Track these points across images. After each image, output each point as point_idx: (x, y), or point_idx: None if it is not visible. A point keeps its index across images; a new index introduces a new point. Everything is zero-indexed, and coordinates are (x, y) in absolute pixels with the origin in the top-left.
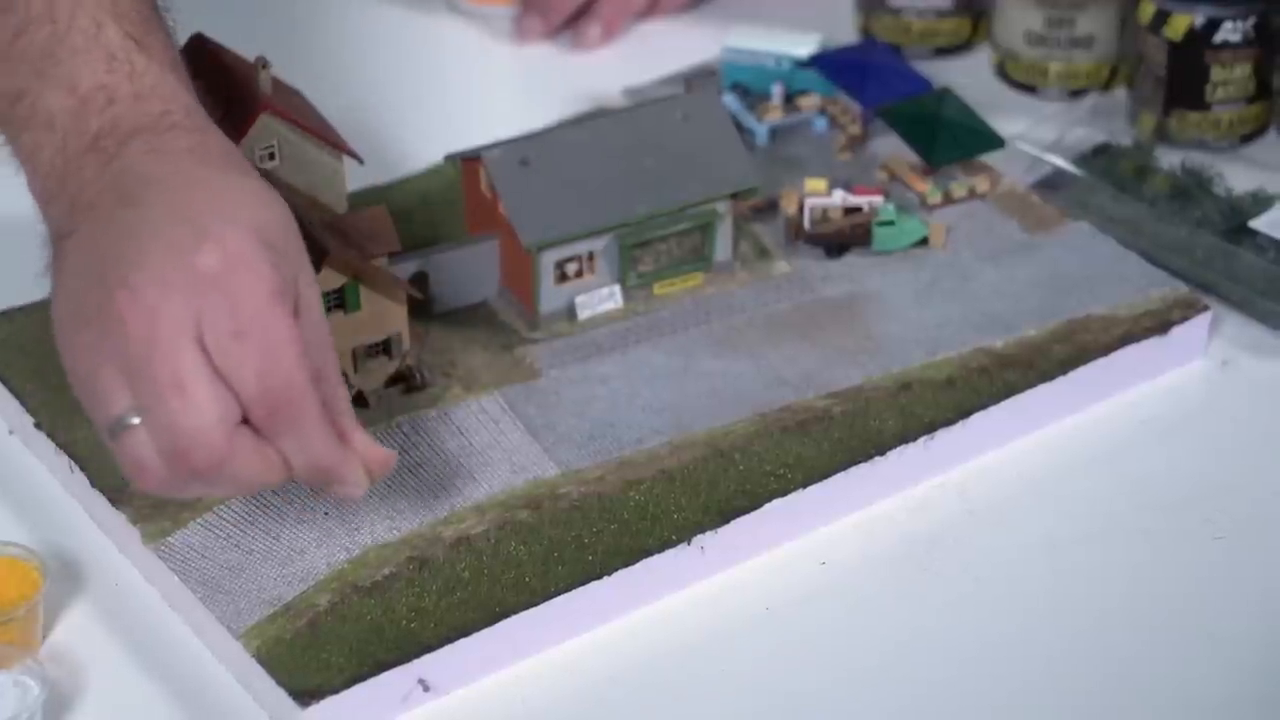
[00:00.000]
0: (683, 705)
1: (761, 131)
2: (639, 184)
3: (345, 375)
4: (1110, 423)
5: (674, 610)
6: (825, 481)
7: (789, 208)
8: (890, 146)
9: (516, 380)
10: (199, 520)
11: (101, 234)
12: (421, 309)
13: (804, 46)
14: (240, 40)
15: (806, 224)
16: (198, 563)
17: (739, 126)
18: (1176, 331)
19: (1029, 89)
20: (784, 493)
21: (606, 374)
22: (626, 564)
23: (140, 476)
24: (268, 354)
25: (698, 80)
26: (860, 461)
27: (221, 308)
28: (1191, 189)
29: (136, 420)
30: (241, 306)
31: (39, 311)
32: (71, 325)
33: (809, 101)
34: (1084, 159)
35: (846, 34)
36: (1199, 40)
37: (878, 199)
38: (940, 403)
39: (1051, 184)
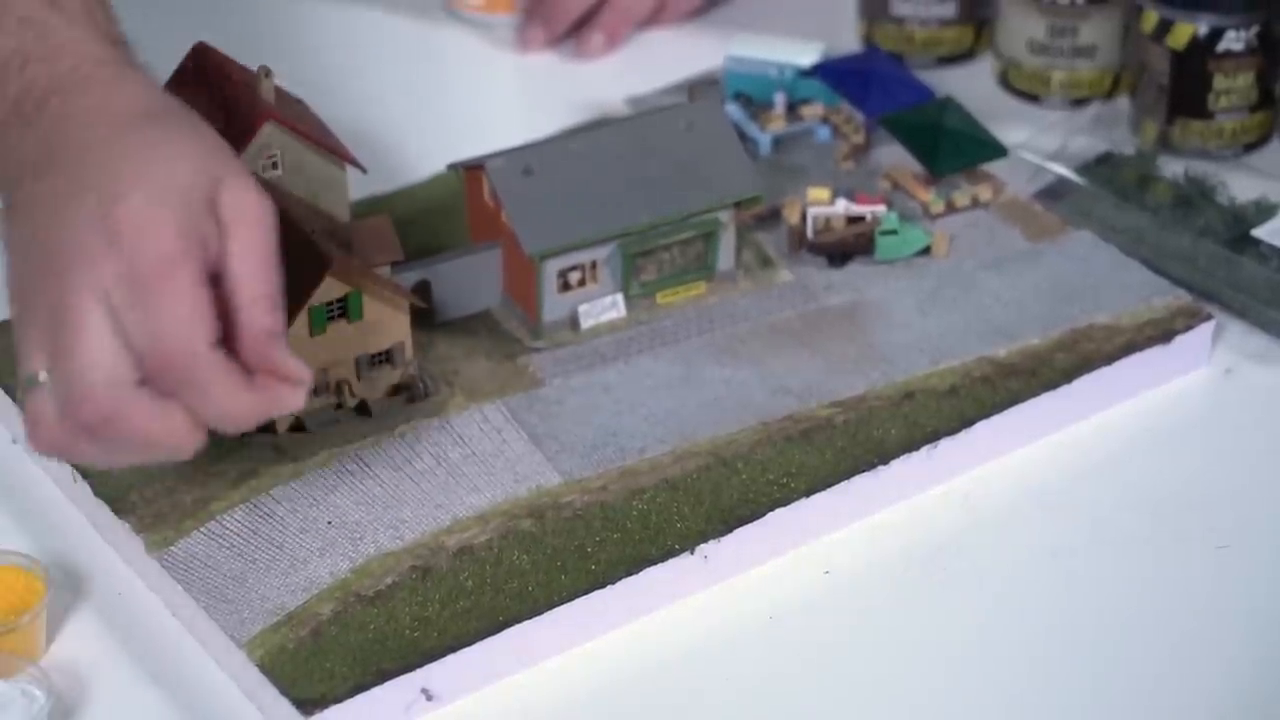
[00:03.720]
0: (686, 715)
1: (764, 140)
2: (642, 193)
3: (349, 384)
4: (1113, 431)
5: (677, 619)
6: (828, 490)
7: (792, 217)
8: (893, 155)
9: (519, 389)
10: (202, 529)
11: (23, 209)
12: (424, 318)
13: (806, 55)
14: (243, 49)
15: (809, 233)
16: (201, 572)
17: (742, 135)
18: (1179, 340)
19: (1031, 98)
20: (787, 501)
21: (609, 383)
22: (629, 573)
23: (32, 432)
24: (159, 317)
25: (701, 89)
26: (863, 470)
27: (122, 272)
28: (1194, 198)
29: (43, 379)
30: (138, 271)
31: None
32: (12, 295)
33: (812, 110)
34: (1087, 168)
35: (849, 43)
36: (1202, 49)
37: (880, 208)
38: (943, 411)
39: (1054, 193)
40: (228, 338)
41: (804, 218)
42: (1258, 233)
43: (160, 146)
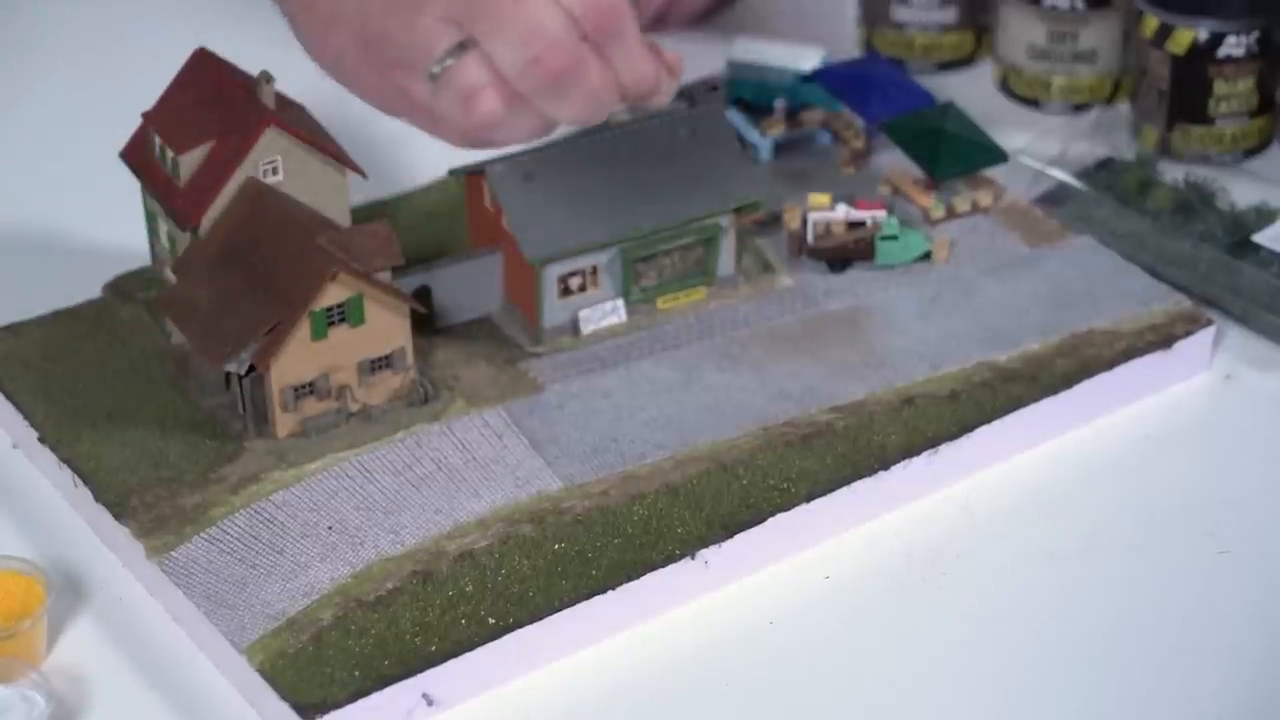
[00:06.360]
0: (686, 719)
1: (765, 145)
2: (642, 198)
3: (349, 389)
4: (1113, 437)
5: (678, 624)
6: (829, 495)
7: (792, 222)
8: (893, 161)
9: (520, 394)
10: (203, 535)
11: None
12: (425, 323)
13: (807, 61)
14: (243, 56)
15: (809, 238)
16: (201, 577)
17: (742, 140)
18: (1180, 346)
19: (1032, 103)
20: (787, 506)
21: (609, 388)
22: (630, 578)
23: (473, 106)
24: None
25: (702, 94)
26: (864, 475)
27: None
28: (1195, 203)
29: (452, 61)
30: None
31: (42, 326)
32: (370, 4)
33: (812, 116)
34: (1087, 173)
35: (850, 48)
36: (1202, 54)
37: (881, 213)
38: (943, 416)
39: (1054, 198)
40: None
41: (804, 223)
42: (1258, 238)
43: None
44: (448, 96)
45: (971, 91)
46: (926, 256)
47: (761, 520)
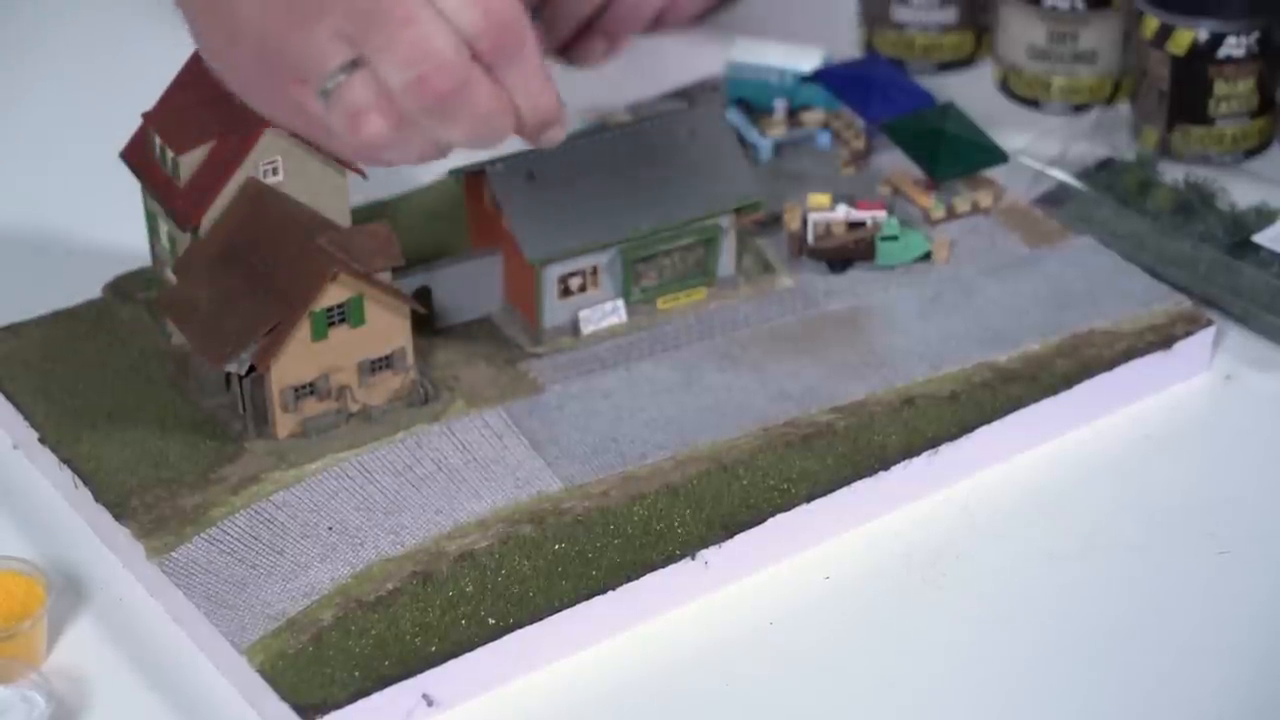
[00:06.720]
0: (686, 719)
1: (765, 146)
2: (643, 198)
3: (350, 390)
4: (1113, 437)
5: (678, 625)
6: (829, 496)
7: (792, 222)
8: (894, 161)
9: (520, 395)
10: (203, 535)
11: None
12: (425, 323)
13: (807, 61)
14: None
15: (809, 238)
16: (201, 577)
17: (742, 141)
18: (1180, 346)
19: (1032, 103)
20: (788, 507)
21: (610, 388)
22: (630, 578)
23: (358, 125)
24: None
25: (702, 95)
26: (864, 476)
27: None
28: (1195, 203)
29: (343, 78)
30: None
31: (42, 326)
32: (269, 18)
33: (812, 116)
34: (1087, 173)
35: (850, 49)
36: (1202, 55)
37: (881, 214)
38: (943, 417)
39: (1055, 198)
40: None
41: (804, 223)
42: (1258, 238)
43: None
44: (337, 114)
45: (971, 92)
46: (926, 257)
47: (761, 520)
